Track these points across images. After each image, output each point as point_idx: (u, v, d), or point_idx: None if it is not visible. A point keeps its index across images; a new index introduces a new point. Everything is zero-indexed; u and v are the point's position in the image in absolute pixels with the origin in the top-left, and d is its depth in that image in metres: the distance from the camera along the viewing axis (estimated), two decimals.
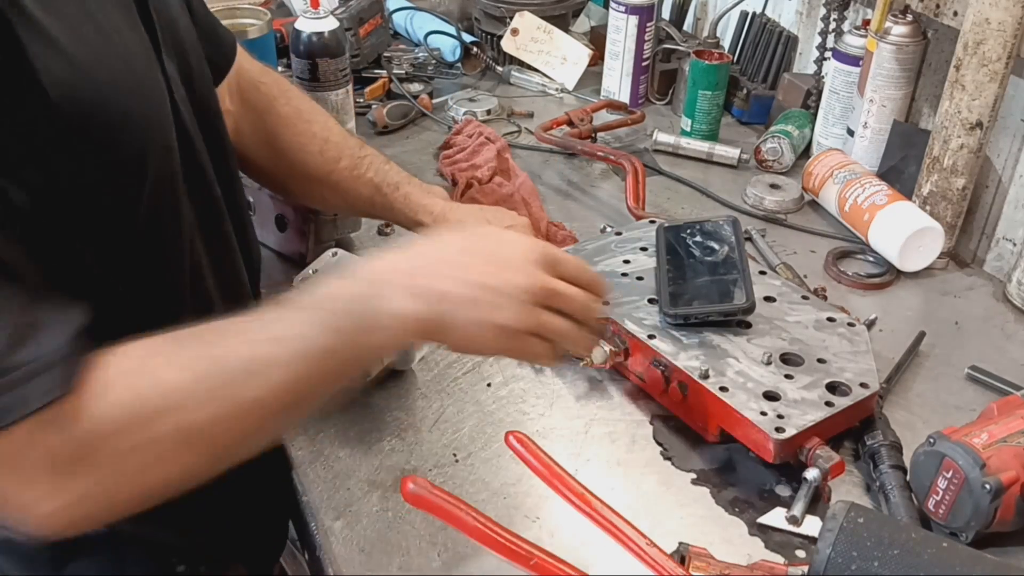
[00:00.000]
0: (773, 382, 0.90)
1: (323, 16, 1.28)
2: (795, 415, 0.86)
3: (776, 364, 0.92)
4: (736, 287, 0.99)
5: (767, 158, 1.43)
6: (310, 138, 1.03)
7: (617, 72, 1.63)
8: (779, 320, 0.98)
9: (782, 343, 0.95)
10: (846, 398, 0.88)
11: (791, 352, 0.94)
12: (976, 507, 0.78)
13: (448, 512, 0.73)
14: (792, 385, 0.90)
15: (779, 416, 0.85)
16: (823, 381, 0.90)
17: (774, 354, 0.93)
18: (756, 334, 0.96)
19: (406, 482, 0.74)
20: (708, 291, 1.00)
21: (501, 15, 1.73)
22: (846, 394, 0.89)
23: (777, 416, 0.85)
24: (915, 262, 1.20)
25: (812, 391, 0.89)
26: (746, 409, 0.86)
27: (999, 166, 1.23)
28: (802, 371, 0.91)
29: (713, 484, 0.88)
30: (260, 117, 1.02)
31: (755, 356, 0.93)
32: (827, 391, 0.89)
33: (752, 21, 1.64)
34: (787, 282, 1.06)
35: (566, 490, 0.80)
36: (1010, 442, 0.80)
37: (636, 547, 0.75)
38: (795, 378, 0.90)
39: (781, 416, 0.85)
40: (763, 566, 0.78)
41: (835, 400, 0.88)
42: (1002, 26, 1.06)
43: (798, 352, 0.94)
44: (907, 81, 1.29)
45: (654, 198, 1.39)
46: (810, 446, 0.84)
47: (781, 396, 0.88)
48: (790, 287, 1.04)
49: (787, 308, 1.01)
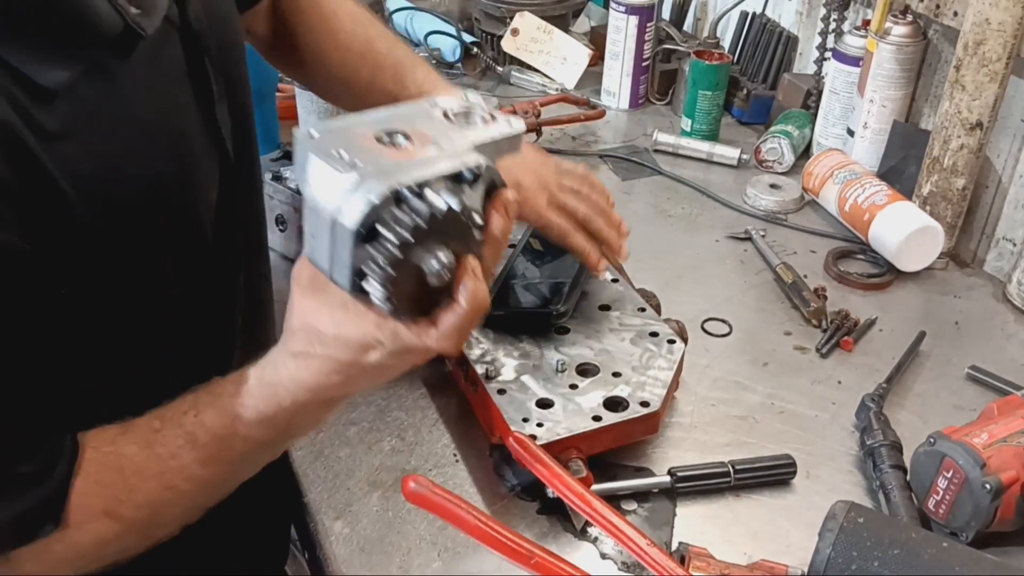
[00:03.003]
0: (553, 390, 0.88)
1: None
2: (556, 426, 0.84)
3: (569, 373, 0.90)
4: (561, 292, 0.97)
5: (767, 158, 1.43)
6: (333, 48, 1.02)
7: (617, 72, 1.63)
8: (600, 329, 0.97)
9: (588, 352, 0.93)
10: (617, 414, 0.86)
11: (590, 362, 0.92)
12: (976, 507, 0.78)
13: (449, 511, 0.73)
14: (573, 395, 0.88)
15: (539, 424, 0.84)
16: (605, 395, 0.88)
17: (570, 363, 0.91)
18: (568, 342, 0.95)
19: (407, 481, 0.73)
20: (534, 293, 0.99)
21: (501, 15, 1.73)
22: (622, 410, 0.86)
23: (537, 424, 0.84)
24: (915, 262, 1.20)
25: (589, 403, 0.87)
26: (510, 413, 0.85)
27: (999, 166, 1.23)
28: (592, 382, 0.90)
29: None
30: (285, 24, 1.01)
31: (552, 362, 0.92)
32: (603, 405, 0.87)
33: (752, 21, 1.64)
34: (631, 291, 1.03)
35: (566, 490, 0.80)
36: (1010, 442, 0.80)
37: (636, 547, 0.75)
38: (579, 388, 0.89)
39: (541, 425, 0.84)
40: (763, 566, 0.78)
41: (605, 415, 0.85)
42: (1002, 26, 1.06)
43: (598, 363, 0.92)
44: (907, 81, 1.29)
45: (654, 198, 1.39)
46: (564, 458, 0.82)
47: (554, 405, 0.86)
48: (632, 299, 1.02)
49: (616, 318, 0.99)
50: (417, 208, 0.54)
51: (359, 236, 0.53)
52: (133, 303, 0.71)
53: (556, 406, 0.87)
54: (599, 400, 0.87)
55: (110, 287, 0.68)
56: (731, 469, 0.87)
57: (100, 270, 0.66)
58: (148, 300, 0.72)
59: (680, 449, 0.93)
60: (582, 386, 0.89)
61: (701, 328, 1.11)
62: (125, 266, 0.69)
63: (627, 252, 1.00)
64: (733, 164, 1.47)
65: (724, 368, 1.05)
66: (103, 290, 0.68)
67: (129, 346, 0.73)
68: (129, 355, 0.74)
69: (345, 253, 0.55)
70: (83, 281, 0.66)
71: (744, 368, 1.05)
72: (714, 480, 0.87)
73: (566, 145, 1.53)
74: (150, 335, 0.74)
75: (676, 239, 1.29)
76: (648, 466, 0.90)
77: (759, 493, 0.88)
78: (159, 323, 0.75)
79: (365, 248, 0.54)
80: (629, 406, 0.87)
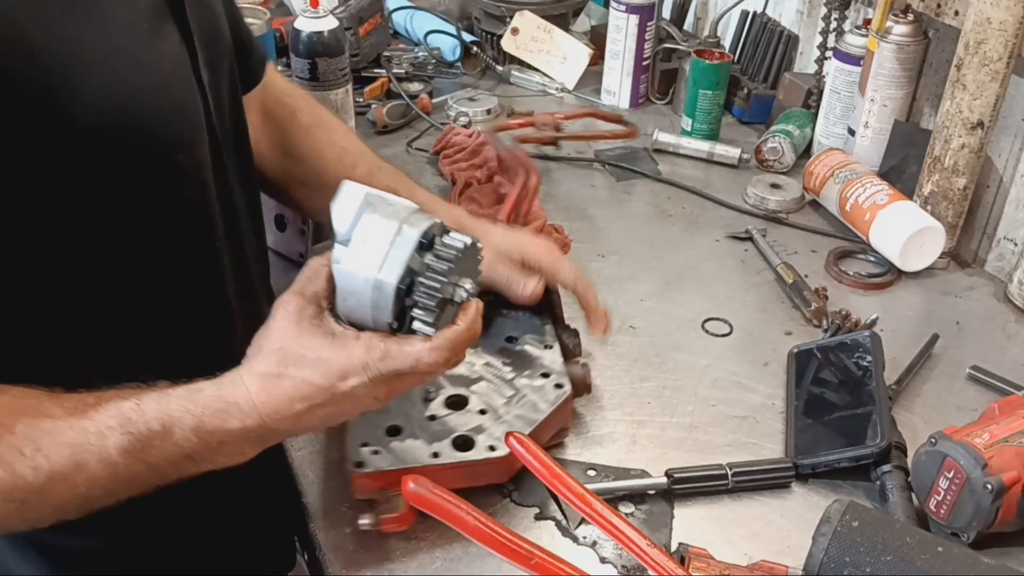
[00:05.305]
0: (409, 418, 0.84)
1: (323, 15, 1.28)
2: (391, 457, 0.80)
3: (437, 403, 0.86)
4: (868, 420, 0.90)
5: (768, 158, 1.43)
6: (328, 145, 1.02)
7: (617, 72, 1.62)
8: (492, 361, 0.91)
9: (465, 383, 0.88)
10: (461, 454, 0.81)
11: (461, 394, 0.87)
12: (978, 507, 0.78)
13: (449, 512, 0.73)
14: (429, 426, 0.84)
15: (375, 452, 0.80)
16: (457, 431, 0.83)
17: (439, 393, 0.87)
18: (455, 370, 0.88)
19: (407, 481, 0.73)
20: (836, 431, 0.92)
21: (501, 14, 1.73)
22: (467, 450, 0.82)
23: (373, 452, 0.80)
24: (916, 262, 1.20)
25: (437, 438, 0.82)
26: (356, 432, 0.82)
27: (1000, 166, 1.23)
28: (455, 416, 0.85)
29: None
30: (281, 127, 1.01)
31: (422, 388, 0.87)
32: (451, 442, 0.82)
33: (753, 20, 1.64)
34: (548, 326, 0.96)
35: (566, 490, 0.79)
36: (1012, 442, 0.80)
37: (636, 547, 0.75)
38: (437, 420, 0.84)
39: (377, 452, 0.80)
40: (763, 566, 0.77)
41: (447, 453, 0.81)
42: (1003, 25, 1.06)
43: (469, 396, 0.87)
44: (908, 81, 1.29)
45: (654, 198, 1.39)
46: (392, 491, 0.78)
47: (401, 433, 0.83)
48: (544, 335, 0.95)
49: (515, 352, 0.93)
50: (448, 246, 0.70)
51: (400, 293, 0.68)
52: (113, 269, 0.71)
53: (403, 434, 0.82)
54: (451, 436, 0.83)
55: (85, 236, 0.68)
56: (728, 472, 0.87)
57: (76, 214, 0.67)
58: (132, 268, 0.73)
59: (680, 449, 0.93)
60: (441, 418, 0.84)
61: (702, 328, 1.11)
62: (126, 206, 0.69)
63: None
64: (734, 164, 1.46)
65: (724, 368, 1.04)
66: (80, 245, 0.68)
67: (111, 320, 0.73)
68: (113, 331, 0.74)
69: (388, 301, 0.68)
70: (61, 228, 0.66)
71: (745, 368, 1.04)
72: (711, 483, 0.87)
73: (564, 146, 1.52)
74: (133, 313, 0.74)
75: (676, 239, 1.29)
76: (648, 467, 0.90)
77: (759, 493, 0.88)
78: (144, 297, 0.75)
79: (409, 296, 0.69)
80: (475, 447, 0.82)
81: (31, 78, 0.61)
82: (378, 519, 0.77)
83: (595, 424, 0.95)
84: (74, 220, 0.67)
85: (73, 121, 0.64)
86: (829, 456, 0.88)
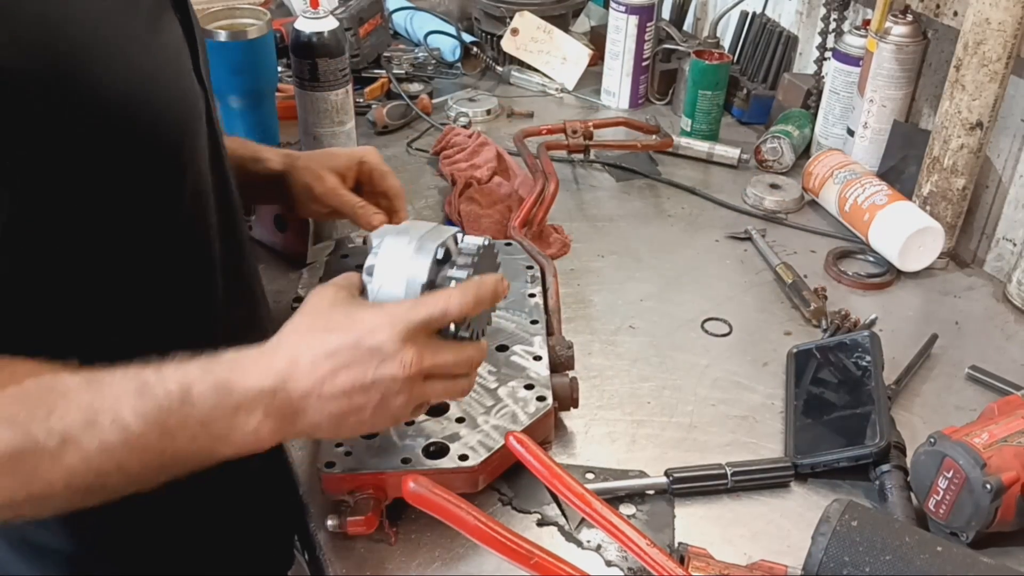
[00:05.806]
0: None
1: (323, 16, 1.28)
2: (362, 459, 0.80)
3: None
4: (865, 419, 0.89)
5: (767, 158, 1.43)
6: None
7: (617, 72, 1.63)
8: (480, 369, 0.88)
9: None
10: (432, 461, 0.81)
11: (444, 401, 0.86)
12: (977, 507, 0.78)
13: (448, 512, 0.73)
14: (404, 431, 0.83)
15: (347, 453, 0.80)
16: (432, 438, 0.83)
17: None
18: None
19: (407, 481, 0.73)
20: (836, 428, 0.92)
21: (501, 15, 1.73)
22: (437, 458, 0.81)
23: (346, 453, 0.80)
24: (915, 262, 1.20)
25: (411, 443, 0.82)
26: (332, 439, 0.82)
27: (999, 166, 1.23)
28: (432, 422, 0.84)
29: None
30: None
31: None
32: (423, 450, 0.81)
33: (752, 21, 1.64)
34: (542, 337, 0.95)
35: (566, 491, 0.79)
36: (1011, 442, 0.80)
37: (636, 547, 0.75)
38: (414, 425, 0.84)
39: (350, 454, 0.80)
40: (762, 566, 0.77)
41: (417, 459, 0.81)
42: (1002, 26, 1.06)
43: (450, 403, 0.86)
44: (907, 81, 1.29)
45: (654, 198, 1.39)
46: (360, 493, 0.79)
47: (376, 436, 0.82)
48: (536, 345, 0.94)
49: (503, 360, 0.92)
50: (465, 252, 0.77)
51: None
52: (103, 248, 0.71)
53: (377, 438, 0.82)
54: (424, 443, 0.82)
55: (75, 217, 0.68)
56: (728, 471, 0.87)
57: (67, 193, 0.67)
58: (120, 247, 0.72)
59: (680, 449, 0.93)
60: (419, 424, 0.84)
61: (701, 328, 1.11)
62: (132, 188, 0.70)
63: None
64: (733, 164, 1.47)
65: (724, 368, 1.04)
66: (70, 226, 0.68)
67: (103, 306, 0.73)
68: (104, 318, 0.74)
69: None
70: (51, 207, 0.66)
71: (744, 368, 1.05)
72: (711, 482, 0.87)
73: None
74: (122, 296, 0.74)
75: (676, 239, 1.29)
76: (647, 467, 0.90)
77: (759, 493, 0.88)
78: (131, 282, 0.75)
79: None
80: (447, 455, 0.81)
81: (53, 59, 0.62)
82: (343, 521, 0.78)
83: (595, 424, 0.95)
84: (75, 204, 0.67)
85: (90, 104, 0.64)
86: (828, 456, 0.88)
